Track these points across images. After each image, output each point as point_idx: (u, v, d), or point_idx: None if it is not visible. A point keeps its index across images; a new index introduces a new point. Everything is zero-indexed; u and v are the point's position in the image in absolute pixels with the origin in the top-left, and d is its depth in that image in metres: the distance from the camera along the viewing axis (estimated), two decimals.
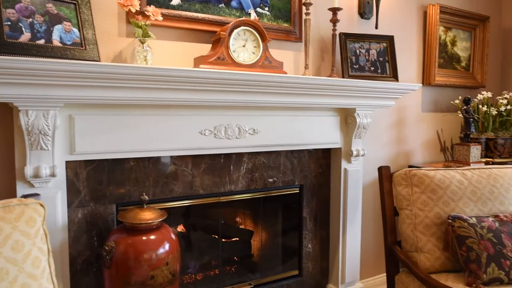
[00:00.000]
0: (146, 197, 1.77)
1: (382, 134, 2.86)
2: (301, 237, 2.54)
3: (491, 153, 3.00)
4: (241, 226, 2.58)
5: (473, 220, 1.78)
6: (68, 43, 1.64)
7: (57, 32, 1.61)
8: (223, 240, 2.49)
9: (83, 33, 1.68)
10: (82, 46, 1.67)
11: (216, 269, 2.42)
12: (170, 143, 1.94)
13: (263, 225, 2.56)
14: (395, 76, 2.56)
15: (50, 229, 1.67)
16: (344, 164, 2.52)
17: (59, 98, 1.57)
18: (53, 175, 1.66)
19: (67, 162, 1.75)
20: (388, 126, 2.89)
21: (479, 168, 2.02)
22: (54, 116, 1.60)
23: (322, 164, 2.56)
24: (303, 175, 2.48)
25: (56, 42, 1.61)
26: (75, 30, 1.66)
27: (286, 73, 2.15)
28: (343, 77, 2.43)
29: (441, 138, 3.19)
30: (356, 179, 2.55)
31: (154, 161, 2.01)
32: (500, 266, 1.68)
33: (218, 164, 2.19)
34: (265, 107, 2.17)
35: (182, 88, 1.79)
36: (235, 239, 2.55)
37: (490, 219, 1.80)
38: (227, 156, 2.21)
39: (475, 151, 2.81)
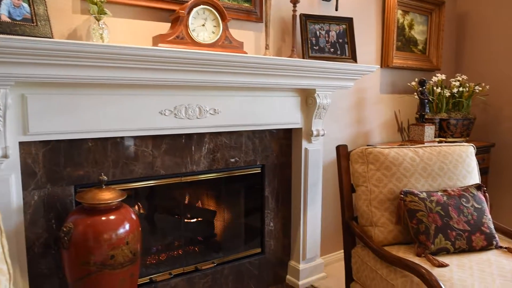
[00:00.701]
0: (105, 177, 1.75)
1: (342, 115, 2.93)
2: (263, 216, 2.59)
3: (444, 133, 3.14)
4: (204, 207, 2.60)
5: (424, 195, 1.88)
6: (18, 18, 1.57)
7: (5, 7, 1.54)
8: (186, 220, 2.50)
9: (33, 9, 1.61)
10: (33, 22, 1.61)
11: (179, 249, 2.44)
12: (129, 123, 1.91)
13: (226, 205, 2.59)
14: (353, 58, 2.62)
15: (4, 211, 1.63)
16: (304, 144, 2.58)
17: (8, 76, 1.51)
18: (5, 156, 1.61)
19: (20, 143, 1.70)
20: (348, 107, 2.96)
21: (430, 146, 2.12)
22: (5, 95, 1.55)
23: (283, 144, 2.61)
24: (264, 155, 2.52)
25: (4, 17, 1.54)
26: (25, 5, 1.60)
27: (246, 53, 2.15)
28: (303, 58, 2.46)
29: (399, 118, 3.31)
30: (317, 159, 2.62)
31: (114, 141, 1.98)
32: (447, 237, 1.79)
33: (180, 144, 2.19)
34: (226, 87, 2.18)
35: (140, 67, 1.76)
36: (198, 219, 2.57)
37: (439, 193, 1.91)
38: (189, 136, 2.21)
39: (429, 131, 2.94)
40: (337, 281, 2.66)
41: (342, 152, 2.08)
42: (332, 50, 2.56)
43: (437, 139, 3.06)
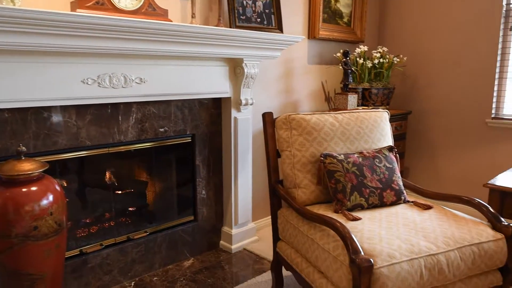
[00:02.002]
0: (24, 148, 1.69)
1: (272, 85, 3.02)
2: (195, 184, 2.64)
3: (367, 101, 3.35)
4: (135, 178, 2.60)
5: (341, 157, 2.02)
6: None
7: None
8: (117, 192, 2.49)
9: None
10: None
11: (111, 221, 2.43)
12: (49, 92, 1.85)
13: (158, 175, 2.60)
14: (280, 28, 2.69)
15: None
16: (234, 113, 2.64)
17: None
18: None
19: None
20: (277, 77, 3.05)
21: (349, 112, 2.27)
22: None
23: (213, 113, 2.65)
24: (194, 125, 2.55)
25: None
26: None
27: (171, 21, 2.14)
28: (230, 28, 2.49)
29: (326, 88, 3.47)
30: (246, 127, 2.69)
31: (34, 112, 1.91)
32: (361, 194, 1.96)
33: (105, 114, 2.15)
34: (152, 55, 2.16)
35: (56, 33, 1.70)
36: (129, 190, 2.56)
37: (355, 155, 2.07)
38: (115, 106, 2.17)
39: (352, 99, 3.12)
40: (268, 243, 2.81)
41: (268, 119, 2.17)
42: (259, 20, 2.61)
43: (360, 108, 3.26)
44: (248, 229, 2.84)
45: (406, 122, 3.62)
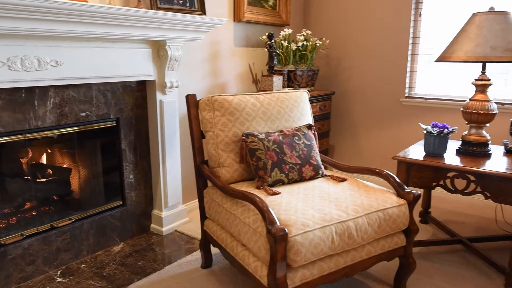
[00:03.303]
0: None
1: (198, 67, 3.03)
2: (122, 169, 2.61)
3: (292, 83, 3.48)
4: (57, 164, 2.51)
5: (262, 136, 2.11)
6: None
7: None
8: (38, 180, 2.40)
9: None
10: None
11: (32, 211, 2.35)
12: None
13: (82, 161, 2.54)
14: (203, 10, 2.70)
15: None
16: (159, 96, 2.63)
17: None
18: None
19: None
20: (203, 59, 3.07)
21: (270, 93, 2.36)
22: None
23: (138, 96, 2.62)
24: (118, 108, 2.51)
25: None
26: None
27: (87, 1, 2.07)
28: (151, 9, 2.46)
29: (253, 70, 3.55)
30: (172, 110, 2.70)
31: None
32: (282, 170, 2.07)
33: (19, 99, 2.06)
34: (68, 37, 2.08)
35: None
36: (52, 178, 2.48)
37: (276, 134, 2.17)
38: (29, 90, 2.08)
39: (278, 81, 3.23)
40: (199, 224, 2.86)
41: (191, 101, 2.20)
42: (181, 2, 2.60)
43: (286, 89, 3.38)
44: (178, 211, 2.87)
45: (330, 102, 3.81)
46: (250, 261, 1.79)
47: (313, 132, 2.32)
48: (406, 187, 2.04)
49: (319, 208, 1.79)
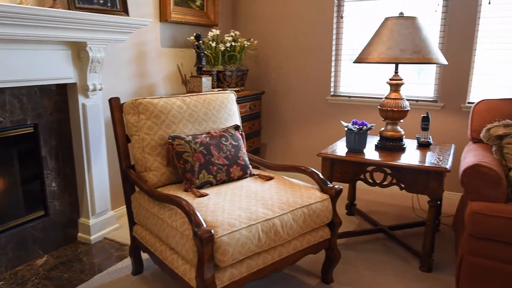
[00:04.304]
0: None
1: (124, 69, 2.95)
2: (43, 177, 2.48)
3: (222, 83, 3.50)
4: None
5: (189, 138, 2.11)
6: None
7: None
8: None
9: None
10: None
11: None
12: None
13: None
14: (125, 11, 2.63)
15: None
16: (82, 100, 2.52)
17: None
18: None
19: None
20: (129, 61, 2.99)
21: (197, 95, 2.36)
22: None
23: (58, 100, 2.50)
24: (36, 113, 2.38)
25: None
26: None
27: None
28: (68, 9, 2.35)
29: (182, 71, 3.52)
30: (96, 114, 2.61)
31: None
32: (209, 172, 2.09)
33: None
34: None
35: None
36: None
37: (203, 135, 2.18)
38: None
39: (206, 82, 3.23)
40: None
41: (115, 105, 2.14)
42: (101, 1, 2.51)
43: (216, 90, 3.40)
44: (107, 218, 2.78)
45: (260, 101, 3.88)
46: (179, 265, 1.78)
47: (240, 132, 2.35)
48: (329, 183, 2.15)
49: (246, 208, 1.83)
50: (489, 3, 3.14)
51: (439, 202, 2.32)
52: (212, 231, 1.60)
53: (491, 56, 3.20)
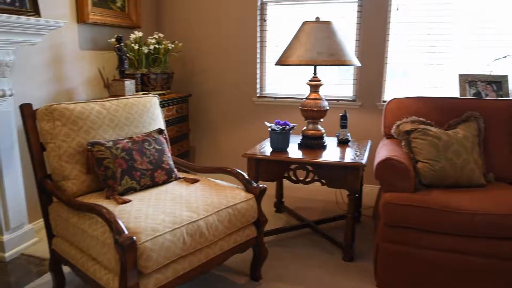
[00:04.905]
0: None
1: (38, 73, 2.78)
2: None
3: (146, 87, 3.43)
4: None
5: (110, 144, 2.05)
6: None
7: None
8: None
9: None
10: None
11: None
12: None
13: None
14: (36, 11, 2.49)
15: None
16: None
17: None
18: None
19: None
20: (44, 64, 2.82)
21: (117, 99, 2.30)
22: None
23: None
24: None
25: None
26: None
27: None
28: None
29: (104, 75, 3.39)
30: (8, 122, 2.44)
31: None
32: (132, 177, 2.05)
33: None
34: None
35: None
36: None
37: (125, 141, 2.12)
38: None
39: (130, 85, 3.15)
40: None
41: (26, 111, 2.02)
42: (8, 1, 2.35)
43: (141, 93, 3.32)
44: (24, 232, 2.61)
45: (187, 104, 3.86)
46: (101, 275, 1.73)
47: (164, 136, 2.33)
48: (253, 182, 2.20)
49: (170, 212, 1.82)
50: (397, 9, 3.40)
51: (357, 195, 2.48)
52: (134, 237, 1.57)
53: (402, 58, 3.47)
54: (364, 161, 2.41)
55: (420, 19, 3.36)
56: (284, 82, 3.85)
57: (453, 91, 3.31)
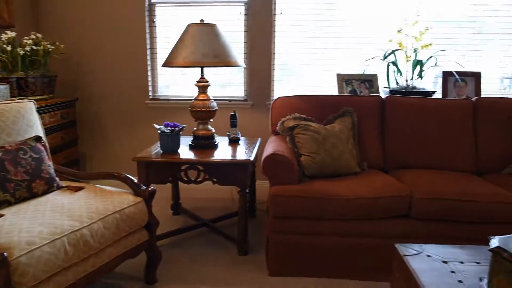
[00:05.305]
0: None
1: None
2: None
3: (24, 91, 3.16)
4: None
5: None
6: None
7: None
8: None
9: None
10: None
11: None
12: None
13: None
14: None
15: None
16: None
17: None
18: None
19: None
20: None
21: None
22: None
23: None
24: None
25: None
26: None
27: None
28: None
29: None
30: None
31: None
32: (6, 190, 1.89)
33: None
34: None
35: None
36: None
37: None
38: None
39: (3, 90, 2.88)
40: None
41: None
42: None
43: (16, 98, 3.05)
44: None
45: (74, 109, 3.65)
46: None
47: (42, 143, 2.19)
48: (142, 185, 2.17)
49: (50, 222, 1.72)
50: (281, 13, 3.61)
51: (248, 191, 2.58)
52: (5, 253, 1.46)
53: (289, 59, 3.69)
54: (252, 158, 2.53)
55: (302, 22, 3.60)
56: (178, 83, 3.84)
57: (335, 89, 3.62)
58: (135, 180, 2.19)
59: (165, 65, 2.61)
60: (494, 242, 1.38)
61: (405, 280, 1.58)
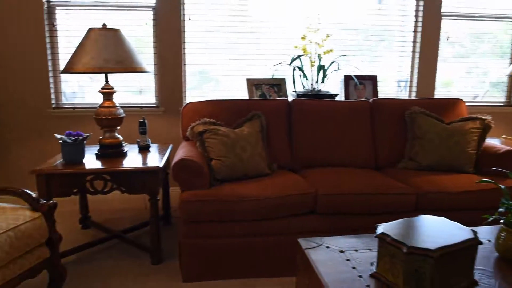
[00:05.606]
0: None
1: None
2: None
3: None
4: None
5: None
6: None
7: None
8: None
9: None
10: None
11: None
12: None
13: None
14: None
15: None
16: None
17: None
18: None
19: None
20: None
21: None
22: None
23: None
24: None
25: None
26: None
27: None
28: None
29: None
30: None
31: None
32: None
33: None
34: None
35: None
36: None
37: None
38: None
39: None
40: None
41: None
42: None
43: None
44: None
45: None
46: None
47: None
48: (41, 200, 2.04)
49: None
50: (189, 19, 3.61)
51: (158, 199, 2.54)
52: None
53: (201, 65, 3.70)
54: (162, 164, 2.50)
55: (213, 28, 3.64)
56: (87, 91, 3.66)
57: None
58: (33, 195, 2.05)
59: (65, 71, 2.48)
60: (380, 229, 1.52)
61: (307, 272, 1.67)
